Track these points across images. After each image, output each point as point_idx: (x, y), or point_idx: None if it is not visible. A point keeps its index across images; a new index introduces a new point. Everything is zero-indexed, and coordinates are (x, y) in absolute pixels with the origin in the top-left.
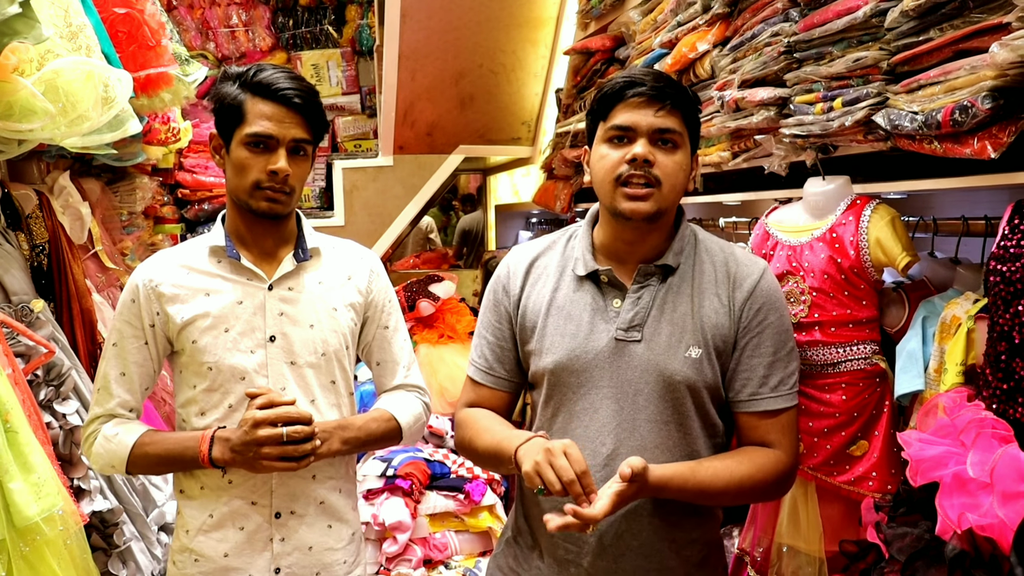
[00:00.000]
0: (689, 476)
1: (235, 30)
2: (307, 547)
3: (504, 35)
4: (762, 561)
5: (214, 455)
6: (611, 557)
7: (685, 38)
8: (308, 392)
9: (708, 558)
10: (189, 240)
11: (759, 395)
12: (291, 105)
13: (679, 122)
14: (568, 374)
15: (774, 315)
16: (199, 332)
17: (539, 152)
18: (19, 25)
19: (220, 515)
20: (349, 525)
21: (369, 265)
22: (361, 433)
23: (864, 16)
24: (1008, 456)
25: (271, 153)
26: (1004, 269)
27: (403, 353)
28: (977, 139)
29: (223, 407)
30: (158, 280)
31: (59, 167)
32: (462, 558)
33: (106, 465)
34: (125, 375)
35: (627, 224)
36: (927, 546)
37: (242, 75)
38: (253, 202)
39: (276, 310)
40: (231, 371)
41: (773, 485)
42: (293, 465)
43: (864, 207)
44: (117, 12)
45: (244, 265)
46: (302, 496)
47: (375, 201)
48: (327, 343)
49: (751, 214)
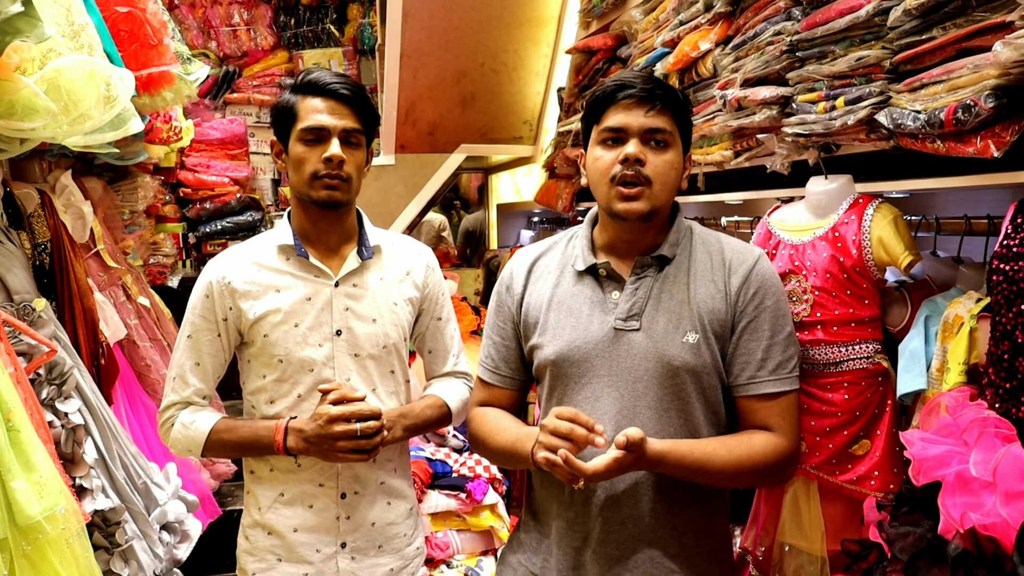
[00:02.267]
0: (687, 452)
1: (237, 29)
2: (370, 523)
3: (506, 34)
4: (764, 560)
5: (289, 444)
6: (614, 544)
7: (687, 37)
8: (370, 382)
9: (716, 551)
10: (257, 237)
11: (757, 378)
12: (339, 97)
13: (669, 121)
14: (569, 365)
15: (770, 299)
16: (270, 327)
17: (541, 151)
18: (21, 24)
19: (291, 495)
20: (407, 501)
21: (425, 260)
22: (419, 420)
23: (867, 15)
24: (1011, 455)
25: (325, 144)
26: (1007, 268)
27: (453, 342)
28: (980, 138)
29: (292, 396)
30: (231, 277)
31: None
32: (464, 557)
33: (183, 450)
34: (200, 365)
35: (624, 224)
36: (929, 545)
37: (293, 83)
38: (314, 192)
39: (342, 306)
40: (300, 363)
41: (772, 468)
42: (364, 457)
43: (866, 206)
44: (119, 11)
45: (312, 263)
46: (365, 478)
47: (377, 200)
48: (388, 336)
49: (753, 213)
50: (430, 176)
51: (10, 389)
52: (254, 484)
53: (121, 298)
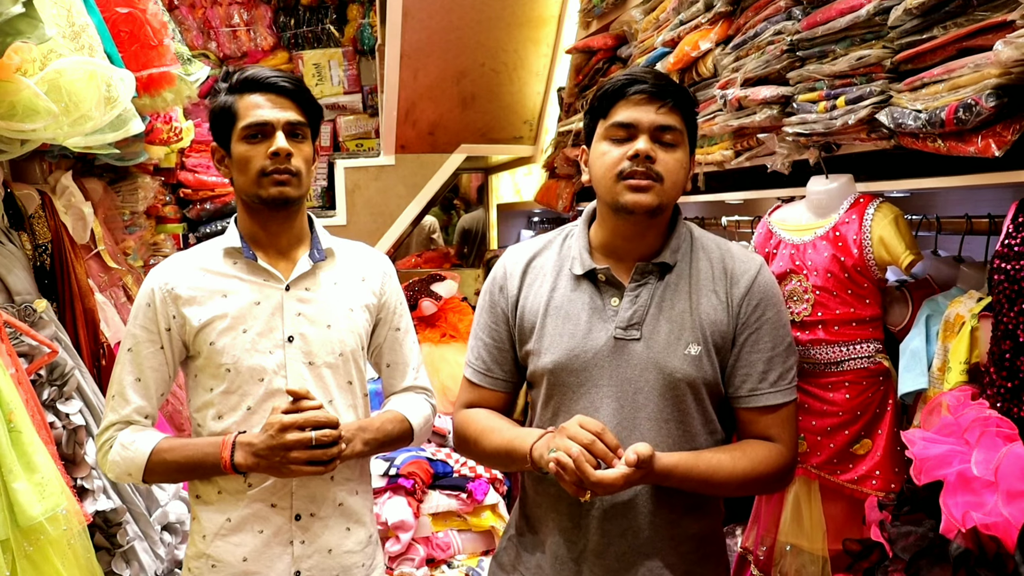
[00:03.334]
0: (693, 465)
1: (237, 29)
2: (327, 549)
3: (506, 34)
4: (765, 560)
5: (237, 460)
6: (612, 556)
7: (687, 36)
8: (326, 393)
9: (710, 556)
10: (203, 243)
11: (759, 390)
12: (279, 91)
13: (679, 120)
14: (567, 374)
15: (771, 311)
16: (217, 333)
17: (541, 151)
18: (22, 25)
19: (239, 519)
20: (366, 528)
21: (382, 267)
22: (379, 434)
23: (867, 14)
24: (1012, 454)
25: (269, 139)
26: (1008, 267)
27: (412, 355)
28: (981, 137)
29: (241, 409)
30: (174, 283)
31: (61, 167)
32: (465, 557)
33: (123, 473)
34: (140, 380)
35: (627, 219)
36: (931, 545)
37: (229, 77)
38: (263, 191)
39: (294, 311)
40: (250, 372)
41: (773, 478)
42: (320, 469)
43: (867, 205)
44: (119, 12)
45: (261, 266)
46: (322, 498)
47: (377, 200)
48: (344, 343)
49: (754, 213)
50: (430, 176)
51: (11, 390)
52: (200, 509)
53: (122, 299)
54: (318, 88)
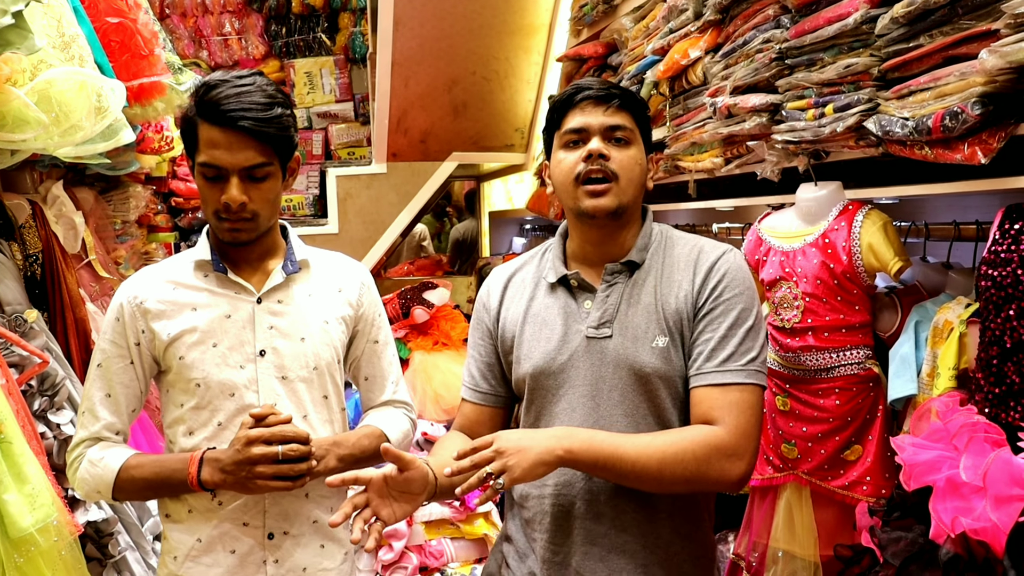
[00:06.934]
0: (599, 442)
1: (228, 38)
2: (301, 568)
3: (497, 42)
4: (757, 566)
5: (203, 477)
6: (597, 557)
7: (677, 45)
8: (301, 408)
9: (699, 558)
10: (174, 256)
11: (703, 369)
12: (238, 129)
13: (630, 119)
14: (545, 377)
15: (730, 292)
16: (186, 348)
17: (532, 159)
18: (12, 36)
19: (209, 538)
20: (342, 545)
21: (360, 278)
22: (355, 450)
23: (855, 23)
24: (1000, 460)
25: (224, 183)
26: (995, 274)
27: (391, 368)
28: (967, 145)
29: (212, 425)
30: (143, 296)
31: (52, 177)
32: (458, 565)
33: (91, 491)
34: (111, 396)
35: (592, 224)
36: (921, 550)
37: (196, 91)
38: (219, 232)
39: (266, 324)
40: (220, 387)
41: (702, 459)
42: (288, 484)
43: (856, 212)
44: (110, 21)
45: (231, 279)
46: (295, 516)
47: (369, 208)
48: (319, 357)
49: (744, 220)
50: (422, 184)
51: (2, 401)
52: (170, 529)
53: None
54: (310, 96)
